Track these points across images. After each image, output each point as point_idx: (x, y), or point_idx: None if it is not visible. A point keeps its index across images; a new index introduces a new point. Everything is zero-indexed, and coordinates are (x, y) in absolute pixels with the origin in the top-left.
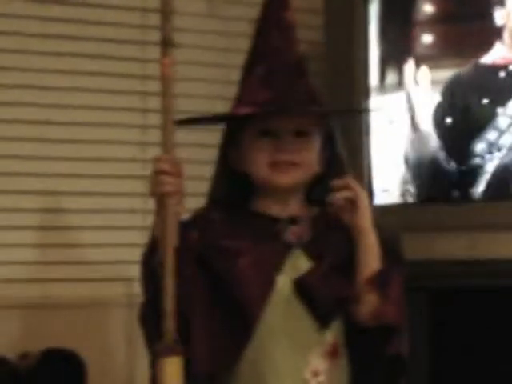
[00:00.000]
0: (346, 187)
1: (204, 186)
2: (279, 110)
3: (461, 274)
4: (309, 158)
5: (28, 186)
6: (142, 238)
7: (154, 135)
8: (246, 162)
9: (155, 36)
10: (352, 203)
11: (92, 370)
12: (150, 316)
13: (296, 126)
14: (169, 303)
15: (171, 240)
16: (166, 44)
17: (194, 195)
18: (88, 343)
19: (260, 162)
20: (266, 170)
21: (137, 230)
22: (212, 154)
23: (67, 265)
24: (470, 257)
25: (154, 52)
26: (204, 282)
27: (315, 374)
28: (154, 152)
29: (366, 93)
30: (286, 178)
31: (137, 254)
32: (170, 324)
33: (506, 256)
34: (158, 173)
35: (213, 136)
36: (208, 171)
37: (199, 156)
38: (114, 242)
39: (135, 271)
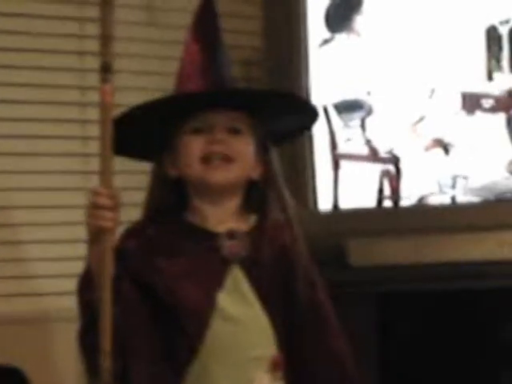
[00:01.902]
0: None
1: (140, 196)
2: (215, 91)
3: (407, 278)
4: (244, 153)
5: None
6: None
7: (94, 147)
8: (179, 163)
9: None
10: None
11: None
12: (86, 344)
13: (228, 121)
14: (106, 343)
15: (108, 275)
16: (106, 70)
17: (131, 205)
18: (32, 359)
19: (192, 157)
20: (198, 166)
21: (81, 242)
22: (147, 164)
23: (11, 279)
24: (415, 261)
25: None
26: (143, 305)
27: None
28: (95, 164)
29: (307, 97)
30: (220, 176)
31: (82, 267)
32: (106, 363)
33: (450, 259)
34: (96, 207)
35: None
36: (143, 181)
37: (135, 167)
38: (58, 255)
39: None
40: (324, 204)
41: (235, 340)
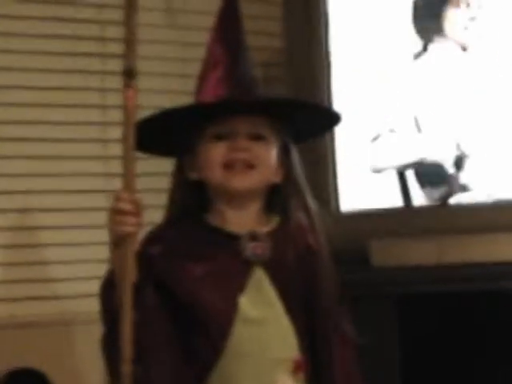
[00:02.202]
0: None
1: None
2: (240, 99)
3: (429, 279)
4: (266, 159)
5: None
6: (108, 254)
7: (115, 150)
8: (200, 168)
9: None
10: None
11: None
12: (109, 350)
13: (250, 127)
14: (126, 348)
15: (129, 281)
16: (129, 75)
17: (152, 207)
18: (56, 363)
19: (214, 163)
20: (220, 172)
21: (101, 245)
22: (169, 166)
23: (33, 283)
24: (440, 262)
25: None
26: (165, 310)
27: None
28: (116, 167)
29: (328, 98)
30: (242, 182)
31: (103, 270)
32: (127, 369)
33: (473, 260)
34: (118, 212)
35: None
36: (165, 183)
37: (157, 169)
38: (81, 258)
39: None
40: (346, 205)
41: (257, 343)
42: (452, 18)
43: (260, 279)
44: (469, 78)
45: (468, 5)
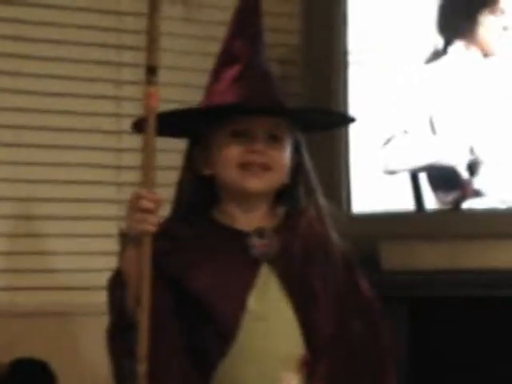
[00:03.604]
0: None
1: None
2: (256, 104)
3: (442, 283)
4: (281, 162)
5: None
6: (114, 246)
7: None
8: (214, 164)
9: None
10: None
11: (63, 381)
12: (114, 347)
13: (267, 129)
14: (143, 348)
15: (147, 279)
16: (151, 72)
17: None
18: (59, 353)
19: (230, 162)
20: (236, 172)
21: (109, 237)
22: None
23: (37, 273)
24: (450, 266)
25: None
26: (173, 307)
27: None
28: (128, 157)
29: (344, 97)
30: (257, 183)
31: (108, 262)
32: (143, 368)
33: (487, 266)
34: (140, 210)
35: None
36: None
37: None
38: (85, 249)
39: (106, 279)
40: (358, 206)
41: (264, 340)
42: (487, 24)
43: (267, 276)
44: (487, 83)
45: (503, 12)
